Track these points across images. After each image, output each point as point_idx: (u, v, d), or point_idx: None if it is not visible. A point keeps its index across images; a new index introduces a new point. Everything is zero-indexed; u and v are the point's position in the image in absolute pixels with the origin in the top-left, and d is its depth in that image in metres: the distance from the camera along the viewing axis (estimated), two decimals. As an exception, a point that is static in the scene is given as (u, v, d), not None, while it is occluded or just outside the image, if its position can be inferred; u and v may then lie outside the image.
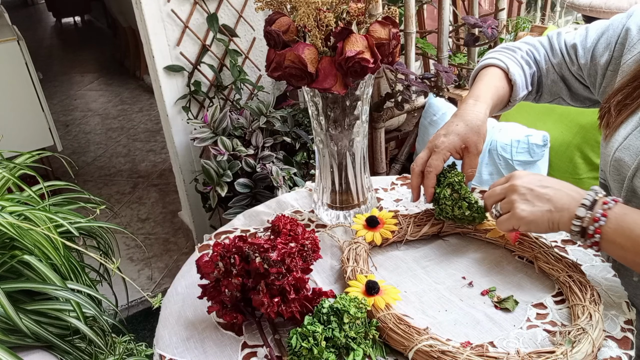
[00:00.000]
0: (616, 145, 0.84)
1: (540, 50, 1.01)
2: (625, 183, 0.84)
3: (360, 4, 0.80)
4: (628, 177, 0.83)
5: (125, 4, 3.61)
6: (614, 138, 0.85)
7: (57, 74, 4.94)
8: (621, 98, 0.85)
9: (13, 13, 3.21)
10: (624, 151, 0.83)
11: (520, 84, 0.97)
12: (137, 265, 2.28)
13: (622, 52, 0.89)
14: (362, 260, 0.83)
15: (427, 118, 1.95)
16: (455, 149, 0.87)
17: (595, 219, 0.72)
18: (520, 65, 0.99)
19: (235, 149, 1.72)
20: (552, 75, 1.00)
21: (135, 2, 1.76)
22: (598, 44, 0.93)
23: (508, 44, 1.04)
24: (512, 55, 1.00)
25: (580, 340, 0.65)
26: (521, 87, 0.98)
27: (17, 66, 2.27)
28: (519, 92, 0.98)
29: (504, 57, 0.99)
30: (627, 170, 0.83)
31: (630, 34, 0.88)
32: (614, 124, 0.86)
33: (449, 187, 0.87)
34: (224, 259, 0.73)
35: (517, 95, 0.98)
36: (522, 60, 1.00)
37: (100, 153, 3.34)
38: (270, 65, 0.83)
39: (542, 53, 1.01)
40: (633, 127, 0.83)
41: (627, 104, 0.84)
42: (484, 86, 0.95)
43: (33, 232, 0.99)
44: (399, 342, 0.69)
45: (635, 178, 0.81)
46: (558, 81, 1.00)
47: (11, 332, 0.96)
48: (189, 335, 0.77)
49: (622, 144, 0.83)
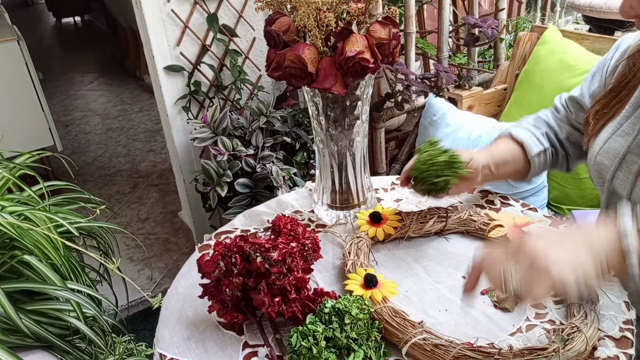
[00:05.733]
0: (597, 150, 0.88)
1: (547, 114, 1.07)
2: (606, 185, 0.87)
3: (360, 4, 0.81)
4: (607, 179, 0.86)
5: (125, 4, 3.61)
6: (595, 143, 0.89)
7: (57, 74, 4.93)
8: (599, 108, 0.89)
9: (13, 13, 3.21)
10: (603, 155, 0.86)
11: (530, 141, 1.00)
12: (137, 265, 2.28)
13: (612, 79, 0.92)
14: (364, 254, 0.84)
15: (427, 118, 1.95)
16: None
17: None
18: (526, 128, 1.03)
19: (235, 149, 1.72)
20: (565, 129, 1.04)
21: (135, 2, 1.76)
22: (593, 80, 0.97)
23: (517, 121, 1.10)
24: (516, 125, 1.06)
25: (574, 339, 0.66)
26: (532, 143, 1.00)
27: (17, 66, 2.26)
28: (532, 148, 0.99)
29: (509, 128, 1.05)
30: (607, 172, 0.86)
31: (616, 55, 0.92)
32: (592, 131, 0.90)
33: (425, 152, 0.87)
34: (225, 259, 0.73)
35: (530, 150, 0.99)
36: (527, 125, 1.05)
37: (100, 153, 3.34)
38: (271, 65, 0.83)
39: (549, 115, 1.06)
40: (612, 131, 0.86)
41: (604, 113, 0.88)
42: (485, 147, 1.03)
43: (33, 232, 0.99)
44: (394, 334, 0.70)
45: (615, 179, 0.84)
46: (572, 132, 1.03)
47: (11, 332, 0.96)
48: (189, 335, 0.77)
49: (602, 147, 0.87)
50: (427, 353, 0.66)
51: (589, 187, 1.55)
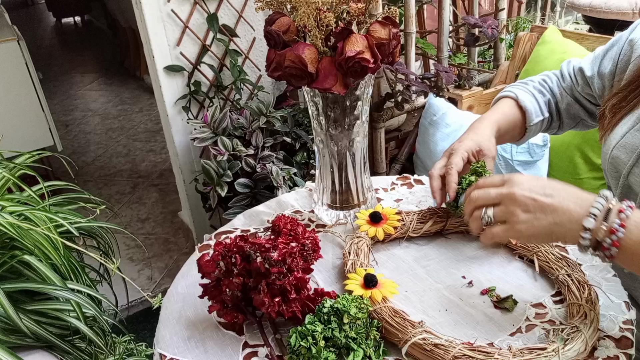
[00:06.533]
0: (614, 144, 0.87)
1: (553, 79, 1.06)
2: (621, 180, 0.86)
3: (360, 4, 0.81)
4: (624, 174, 0.85)
5: (125, 4, 3.61)
6: (611, 137, 0.88)
7: (57, 74, 4.94)
8: (616, 101, 0.88)
9: (13, 13, 3.21)
10: (620, 149, 0.86)
11: (533, 110, 1.00)
12: (137, 265, 2.28)
13: (627, 63, 0.91)
14: (363, 254, 0.84)
15: (427, 118, 1.95)
16: (471, 150, 0.91)
17: (612, 230, 0.64)
18: (531, 93, 1.03)
19: (235, 149, 1.72)
20: (566, 99, 1.04)
21: (135, 2, 1.76)
22: (603, 59, 0.97)
23: (524, 79, 1.09)
24: (524, 87, 1.05)
25: (573, 339, 0.66)
26: (534, 112, 1.01)
27: (17, 66, 2.27)
28: (533, 118, 1.00)
29: (515, 88, 1.04)
30: (623, 167, 0.85)
31: (634, 44, 0.90)
32: (609, 125, 0.89)
33: (474, 174, 0.87)
34: (225, 259, 0.73)
35: (531, 120, 1.00)
36: (534, 89, 1.04)
37: (100, 153, 3.34)
38: (271, 65, 0.83)
39: (555, 80, 1.06)
40: (630, 125, 0.85)
41: (621, 107, 0.87)
42: (491, 111, 1.01)
43: (33, 232, 0.99)
44: (393, 334, 0.70)
45: (631, 175, 0.84)
46: (573, 104, 1.03)
47: (11, 332, 0.96)
48: (189, 335, 0.77)
49: (619, 142, 0.86)
50: (427, 353, 0.66)
51: (589, 187, 1.55)
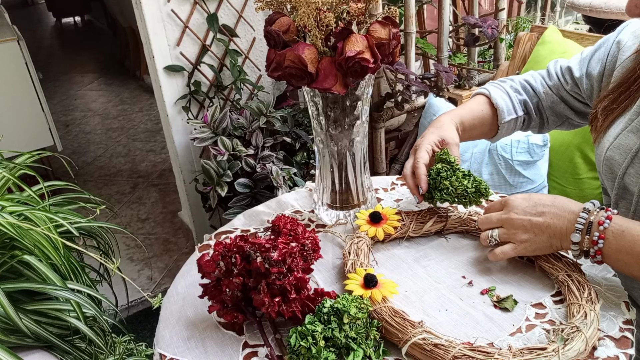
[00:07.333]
0: (607, 145, 0.88)
1: (537, 78, 1.08)
2: (617, 181, 0.87)
3: (360, 4, 0.81)
4: (619, 175, 0.86)
5: (125, 4, 3.61)
6: (604, 139, 0.90)
7: (57, 74, 4.94)
8: (607, 103, 0.90)
9: (13, 13, 3.21)
10: (614, 150, 0.87)
11: (505, 108, 1.04)
12: (137, 265, 2.28)
13: (615, 65, 0.93)
14: (363, 254, 0.84)
15: (427, 118, 1.95)
16: (434, 142, 0.95)
17: (593, 242, 0.73)
18: (506, 92, 1.06)
19: (235, 149, 1.72)
20: (550, 97, 1.05)
21: (135, 2, 1.76)
22: (591, 60, 0.98)
23: (504, 78, 1.12)
24: (500, 85, 1.08)
25: (573, 338, 0.66)
26: (506, 110, 1.04)
27: (17, 66, 2.27)
28: (505, 116, 1.03)
29: (491, 86, 1.08)
30: (618, 168, 0.86)
31: (621, 45, 0.92)
32: (601, 127, 0.91)
33: (440, 162, 0.91)
34: (225, 259, 0.73)
35: (502, 118, 1.03)
36: (510, 89, 1.07)
37: (100, 153, 3.34)
38: (270, 65, 0.83)
39: (539, 80, 1.08)
40: (623, 127, 0.86)
41: (612, 109, 0.89)
42: (457, 107, 1.06)
43: (33, 232, 0.99)
44: (393, 334, 0.70)
45: (626, 175, 0.85)
46: (558, 102, 1.05)
47: (11, 332, 0.96)
48: (189, 335, 0.77)
49: (612, 143, 0.87)
50: (427, 353, 0.66)
51: (588, 187, 1.55)
